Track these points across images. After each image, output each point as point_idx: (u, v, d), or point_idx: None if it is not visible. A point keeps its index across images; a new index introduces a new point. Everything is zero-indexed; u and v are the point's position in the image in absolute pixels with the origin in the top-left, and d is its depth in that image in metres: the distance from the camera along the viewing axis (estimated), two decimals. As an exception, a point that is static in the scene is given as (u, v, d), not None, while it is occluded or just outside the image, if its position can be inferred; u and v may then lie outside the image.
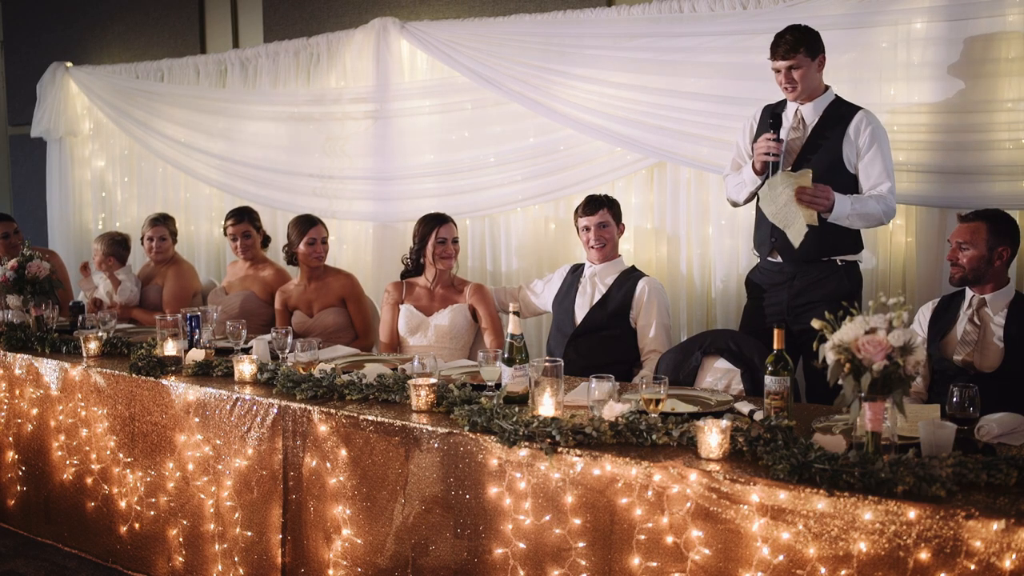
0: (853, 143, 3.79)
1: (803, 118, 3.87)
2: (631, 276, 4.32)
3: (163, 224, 5.72)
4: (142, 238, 5.68)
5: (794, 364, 3.75)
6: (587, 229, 4.36)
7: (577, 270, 4.48)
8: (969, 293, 3.54)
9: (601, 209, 4.34)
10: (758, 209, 3.94)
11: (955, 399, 2.74)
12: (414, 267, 4.70)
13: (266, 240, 5.49)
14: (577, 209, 4.43)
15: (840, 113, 3.84)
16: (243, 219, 5.30)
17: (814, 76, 3.84)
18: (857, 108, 3.85)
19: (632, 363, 4.27)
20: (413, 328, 4.57)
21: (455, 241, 4.63)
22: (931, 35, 4.12)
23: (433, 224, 4.61)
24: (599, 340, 4.23)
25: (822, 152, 3.80)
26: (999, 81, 4.02)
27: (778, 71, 3.85)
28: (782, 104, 3.96)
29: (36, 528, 4.35)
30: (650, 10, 4.72)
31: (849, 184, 3.80)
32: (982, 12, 4.00)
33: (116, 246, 5.81)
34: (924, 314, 3.66)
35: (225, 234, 5.38)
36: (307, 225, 4.94)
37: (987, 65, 4.03)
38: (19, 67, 8.00)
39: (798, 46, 3.78)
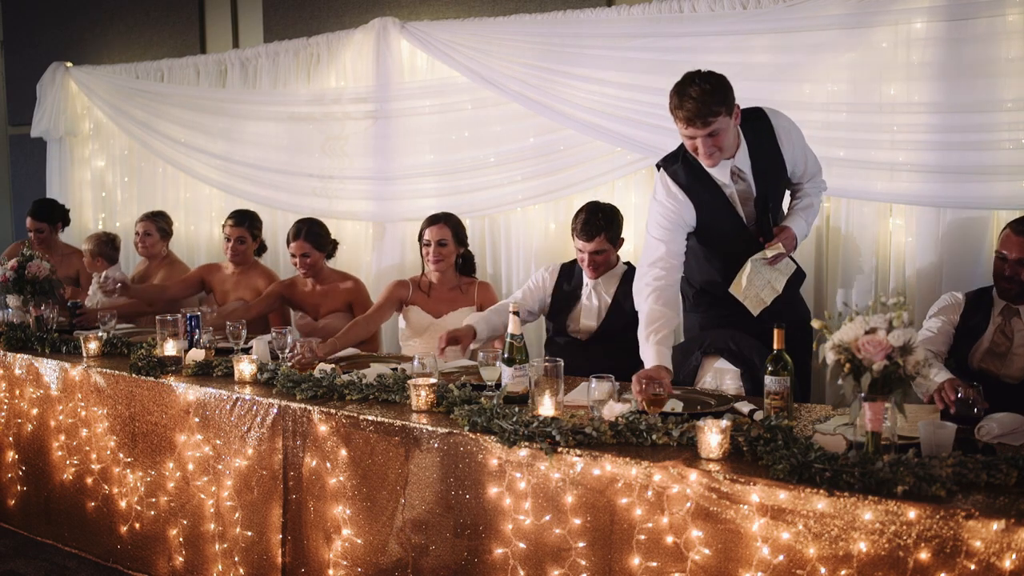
0: (786, 147, 3.57)
1: (739, 170, 3.48)
2: (632, 280, 4.26)
3: (150, 219, 5.75)
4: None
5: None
6: (580, 252, 4.17)
7: (571, 274, 4.32)
8: (999, 304, 3.48)
9: (598, 236, 4.09)
10: (714, 286, 3.73)
11: (958, 396, 2.74)
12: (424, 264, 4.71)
13: (261, 248, 5.46)
14: (575, 223, 4.19)
15: (758, 133, 3.49)
16: (242, 223, 5.28)
17: (732, 130, 3.34)
18: (760, 113, 3.53)
19: (630, 364, 4.25)
20: (420, 330, 4.56)
21: (441, 244, 4.53)
22: (931, 35, 4.12)
23: (424, 225, 4.60)
24: (607, 347, 4.18)
25: (771, 181, 3.56)
26: (999, 81, 4.02)
27: (692, 138, 3.25)
28: (695, 167, 3.48)
29: (36, 528, 4.35)
30: (650, 10, 4.71)
31: (788, 183, 3.71)
32: (982, 12, 4.00)
33: (104, 246, 5.82)
34: (952, 304, 3.55)
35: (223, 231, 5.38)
36: (290, 238, 4.97)
37: (987, 65, 4.03)
38: (19, 67, 7.99)
39: (715, 107, 3.16)
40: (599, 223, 4.12)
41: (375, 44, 5.59)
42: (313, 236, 4.94)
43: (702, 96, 3.15)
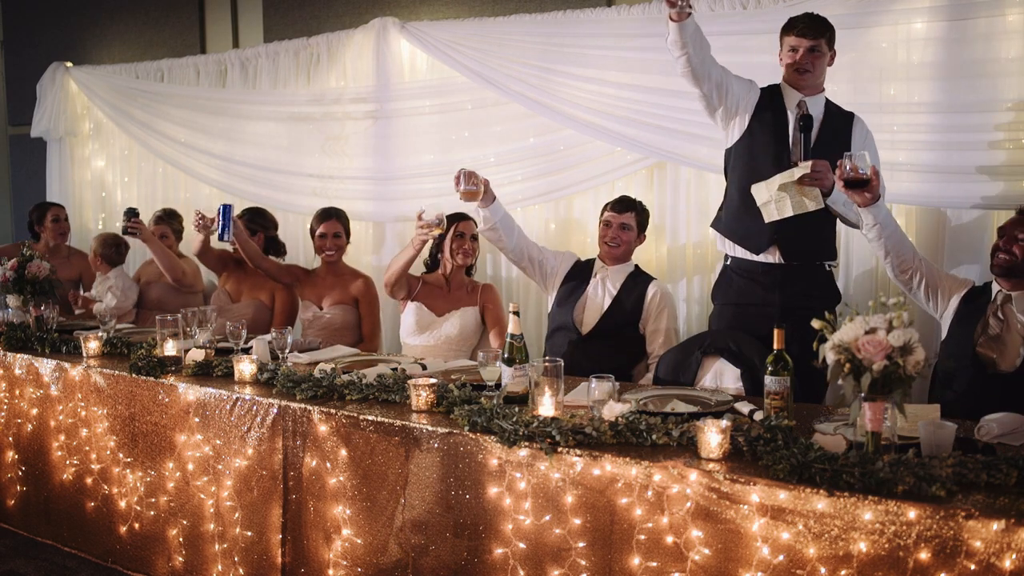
0: (855, 145, 3.74)
1: (806, 107, 3.75)
2: (639, 280, 4.32)
3: (165, 222, 5.79)
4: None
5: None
6: (607, 225, 4.35)
7: (583, 270, 4.43)
8: (995, 289, 3.50)
9: (629, 211, 4.34)
10: (738, 198, 3.84)
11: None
12: (432, 262, 4.74)
13: (281, 249, 5.45)
14: (607, 204, 4.43)
15: (839, 113, 3.80)
16: (254, 220, 5.31)
17: (824, 70, 3.76)
18: (849, 111, 3.82)
19: (633, 364, 4.27)
20: (423, 327, 4.58)
21: (474, 238, 4.65)
22: (931, 35, 4.13)
23: (453, 220, 4.64)
24: (607, 345, 4.22)
25: (828, 150, 3.69)
26: (999, 81, 4.02)
27: (795, 49, 3.68)
28: (776, 91, 3.83)
29: (36, 528, 4.34)
30: (650, 10, 4.72)
31: None
32: (982, 12, 4.01)
33: (106, 247, 5.82)
34: (963, 279, 3.65)
35: None
36: (322, 218, 5.01)
37: (987, 65, 4.03)
38: (19, 67, 8.00)
39: (824, 30, 3.67)
40: (633, 203, 4.40)
41: (375, 44, 5.59)
42: (344, 219, 5.05)
43: (817, 18, 3.68)
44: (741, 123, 3.85)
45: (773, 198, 3.67)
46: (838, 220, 3.85)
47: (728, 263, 3.97)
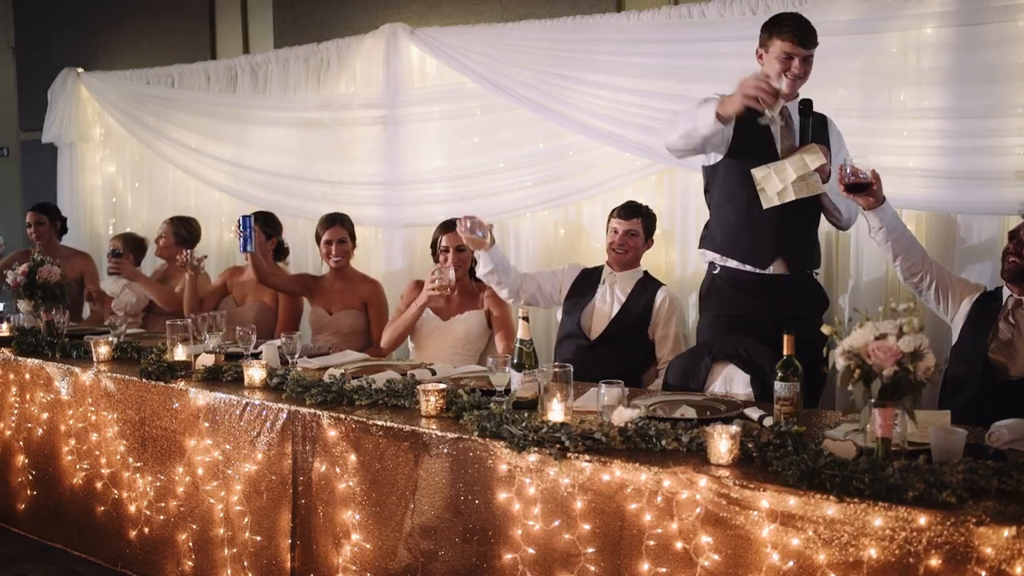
0: (833, 141, 3.69)
1: (790, 115, 3.62)
2: (648, 286, 4.32)
3: (169, 223, 5.84)
4: (157, 237, 5.79)
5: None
6: (615, 232, 4.36)
7: (591, 276, 4.44)
8: (1006, 294, 3.50)
9: (635, 218, 4.35)
10: (733, 213, 3.73)
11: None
12: None
13: (283, 251, 5.47)
14: (613, 210, 4.42)
15: (815, 113, 3.66)
16: (267, 224, 5.33)
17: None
18: (821, 113, 3.71)
19: (642, 370, 4.27)
20: (429, 330, 4.58)
21: (460, 249, 4.54)
22: (941, 40, 4.11)
23: (438, 231, 4.63)
24: (616, 351, 4.21)
25: None
26: (1009, 86, 4.00)
27: (791, 57, 3.48)
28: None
29: (46, 532, 4.36)
30: (660, 16, 4.72)
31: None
32: (992, 17, 3.99)
33: (134, 246, 5.88)
34: (975, 284, 3.64)
35: None
36: (326, 224, 5.01)
37: (997, 70, 4.02)
38: (31, 73, 8.03)
39: (815, 38, 3.51)
40: (640, 208, 4.41)
41: (385, 50, 5.61)
42: (349, 224, 5.05)
43: (808, 23, 3.50)
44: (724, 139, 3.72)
45: (773, 182, 3.56)
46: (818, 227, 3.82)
47: (717, 272, 3.82)
